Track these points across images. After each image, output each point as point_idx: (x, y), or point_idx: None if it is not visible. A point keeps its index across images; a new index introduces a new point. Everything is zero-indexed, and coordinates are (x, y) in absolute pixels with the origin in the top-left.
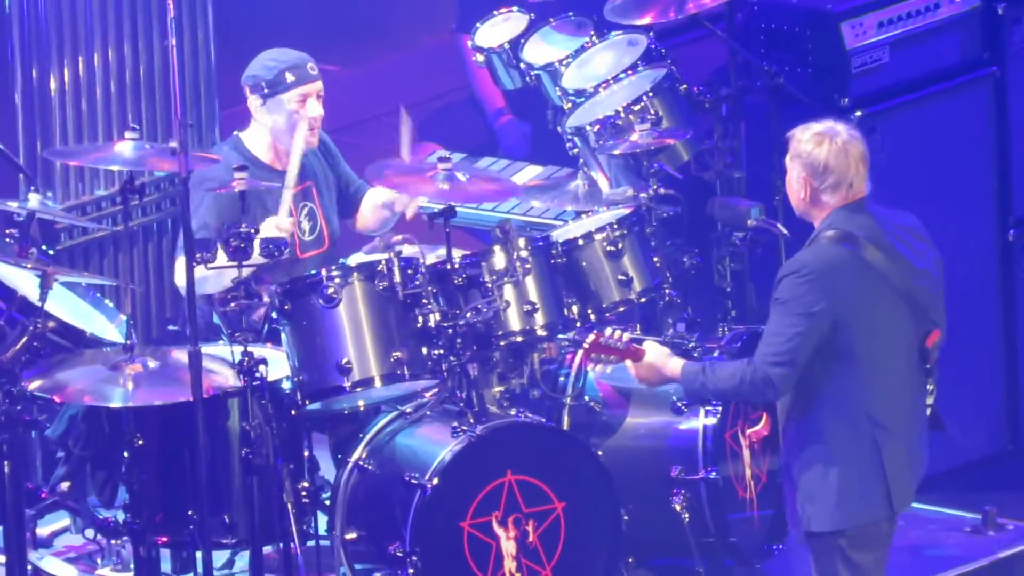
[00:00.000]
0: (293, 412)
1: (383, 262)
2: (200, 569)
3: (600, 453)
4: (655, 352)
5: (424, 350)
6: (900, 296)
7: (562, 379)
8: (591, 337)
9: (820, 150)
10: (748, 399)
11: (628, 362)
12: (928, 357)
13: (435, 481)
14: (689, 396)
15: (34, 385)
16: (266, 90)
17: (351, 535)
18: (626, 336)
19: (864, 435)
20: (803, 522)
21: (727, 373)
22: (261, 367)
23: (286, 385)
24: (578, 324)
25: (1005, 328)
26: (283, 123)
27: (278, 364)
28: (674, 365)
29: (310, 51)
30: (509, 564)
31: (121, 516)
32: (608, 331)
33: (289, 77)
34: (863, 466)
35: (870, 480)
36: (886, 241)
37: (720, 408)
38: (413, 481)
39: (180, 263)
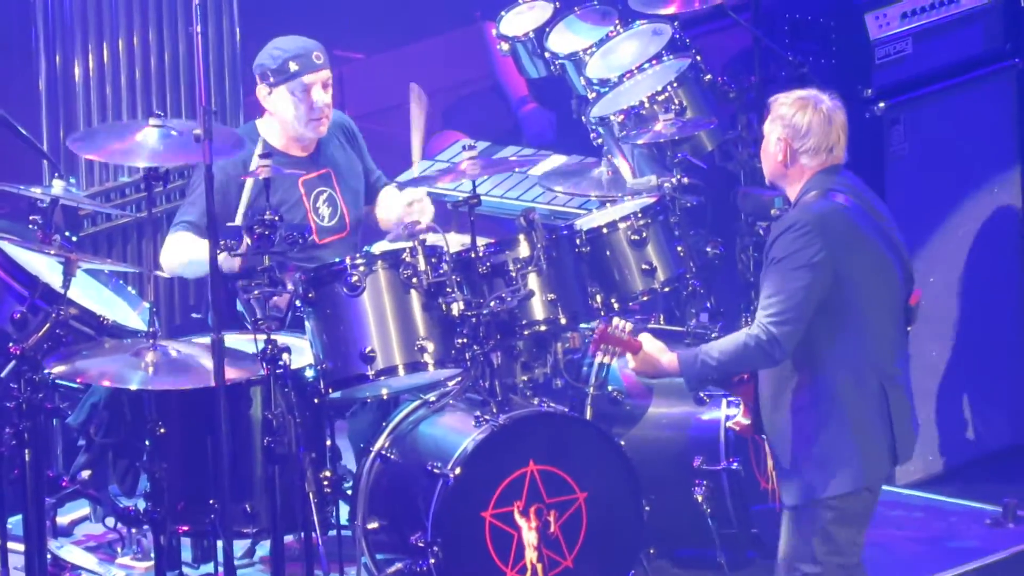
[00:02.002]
0: (316, 400)
1: (407, 250)
2: (221, 558)
3: (623, 443)
4: (651, 344)
5: (448, 339)
6: (887, 247)
7: (585, 369)
8: (599, 328)
9: (803, 114)
10: (753, 365)
11: (629, 355)
12: (911, 317)
13: (457, 471)
14: (691, 382)
15: (56, 371)
16: (272, 79)
17: (373, 524)
18: (628, 327)
19: (872, 387)
20: (809, 491)
21: (729, 344)
22: (284, 355)
23: (309, 373)
24: (602, 313)
25: None
26: (290, 110)
27: (301, 352)
28: (670, 356)
29: (334, 38)
30: (530, 554)
31: (142, 505)
32: (615, 322)
33: (293, 66)
34: (875, 420)
35: (881, 436)
36: (864, 196)
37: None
38: (435, 471)
39: (172, 240)
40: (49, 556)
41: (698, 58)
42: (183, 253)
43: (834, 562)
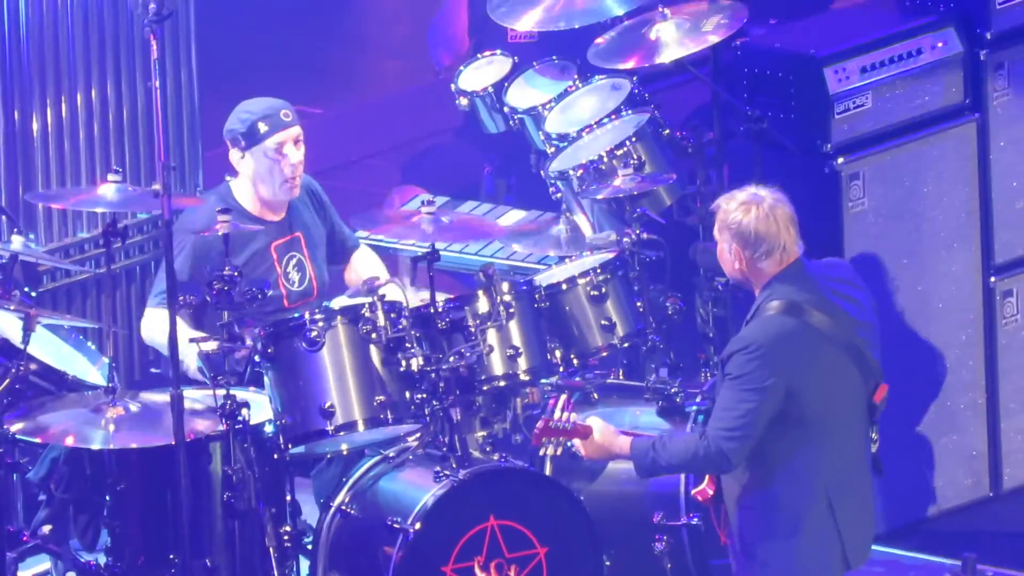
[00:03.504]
0: (275, 456)
1: (366, 306)
2: None
3: (582, 498)
4: (602, 430)
5: (407, 394)
6: (848, 355)
7: None
8: (540, 424)
9: (748, 218)
10: (701, 472)
11: (577, 441)
12: (876, 412)
13: (417, 526)
14: (640, 471)
15: (16, 427)
16: (243, 143)
17: None
18: (573, 417)
19: (820, 499)
20: None
21: (680, 448)
22: (243, 411)
23: (268, 429)
24: (561, 369)
25: (987, 374)
26: (263, 173)
27: (261, 407)
28: (623, 442)
29: (293, 93)
30: None
31: (103, 559)
32: (556, 414)
33: (262, 127)
34: (821, 531)
35: (828, 544)
36: (827, 300)
37: None
38: (395, 525)
39: (150, 315)
40: None
41: (657, 113)
42: (161, 334)
43: None
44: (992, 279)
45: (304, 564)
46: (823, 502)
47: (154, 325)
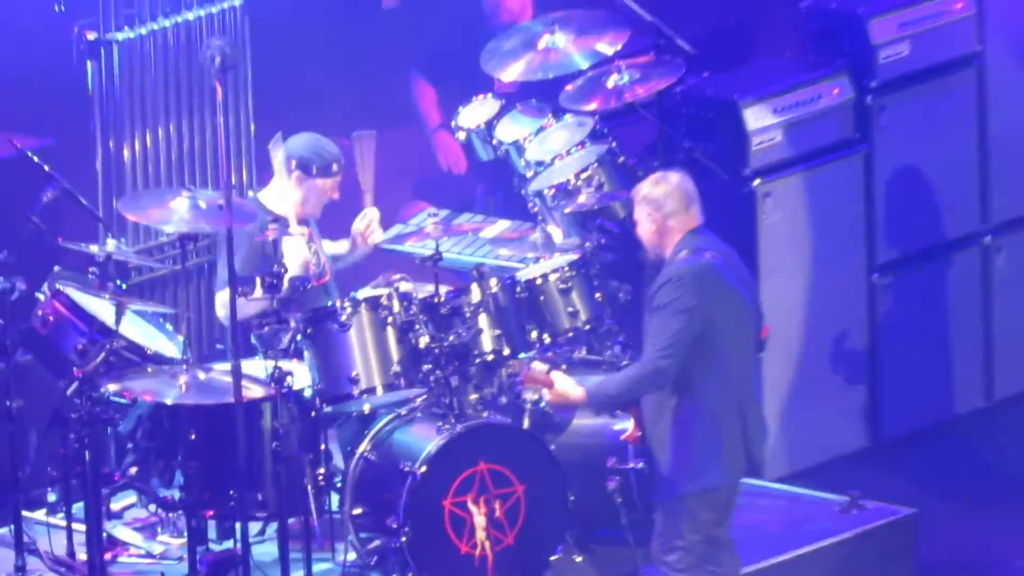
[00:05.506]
0: (313, 414)
1: (385, 296)
2: (239, 536)
3: (553, 447)
4: (562, 381)
5: (416, 365)
6: (744, 292)
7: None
8: (524, 372)
9: (658, 188)
10: (645, 392)
11: (545, 390)
12: (762, 347)
13: (423, 469)
14: (597, 405)
15: (110, 389)
16: (314, 171)
17: (357, 511)
18: (546, 367)
19: (734, 408)
20: (685, 486)
21: (623, 376)
22: (288, 378)
23: (308, 392)
24: (536, 346)
25: (869, 345)
26: (313, 198)
27: (302, 375)
28: (579, 391)
29: (339, 130)
30: (480, 534)
31: (177, 494)
32: (534, 365)
33: (335, 168)
34: (736, 434)
35: (741, 443)
36: (725, 249)
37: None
38: (406, 469)
39: (220, 296)
40: (105, 535)
41: (614, 144)
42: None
43: (695, 539)
44: (874, 276)
45: (335, 499)
46: (736, 410)
47: (224, 303)
